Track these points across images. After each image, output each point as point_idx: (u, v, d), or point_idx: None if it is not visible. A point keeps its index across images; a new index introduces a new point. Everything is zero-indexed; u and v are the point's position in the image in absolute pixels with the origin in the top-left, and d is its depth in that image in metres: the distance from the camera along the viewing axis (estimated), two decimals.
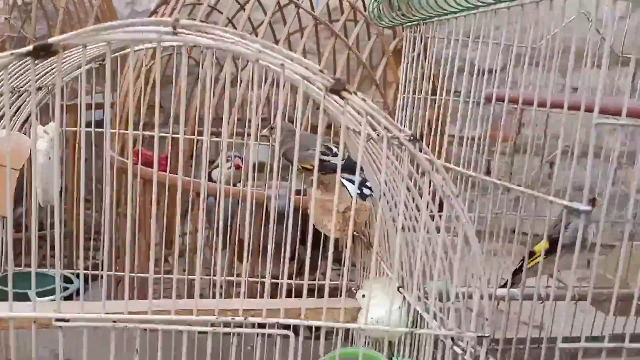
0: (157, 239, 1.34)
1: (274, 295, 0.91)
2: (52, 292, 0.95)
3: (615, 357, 0.88)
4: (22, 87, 0.89)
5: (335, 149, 1.01)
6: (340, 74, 1.43)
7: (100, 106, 1.73)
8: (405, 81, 1.07)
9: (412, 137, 0.58)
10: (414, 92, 1.11)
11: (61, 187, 1.11)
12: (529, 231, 0.89)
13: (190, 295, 1.15)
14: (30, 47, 0.52)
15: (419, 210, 0.66)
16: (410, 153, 0.59)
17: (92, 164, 1.23)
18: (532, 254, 1.01)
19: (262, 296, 1.15)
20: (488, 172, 1.64)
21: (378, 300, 0.92)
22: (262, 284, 1.21)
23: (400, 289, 0.88)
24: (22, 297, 0.72)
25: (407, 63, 1.08)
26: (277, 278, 1.23)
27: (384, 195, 0.77)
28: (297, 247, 1.31)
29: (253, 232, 1.27)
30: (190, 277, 1.20)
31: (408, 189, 0.65)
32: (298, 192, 1.36)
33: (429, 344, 0.74)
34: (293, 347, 0.60)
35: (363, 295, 0.97)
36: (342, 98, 0.57)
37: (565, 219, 0.97)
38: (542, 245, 0.89)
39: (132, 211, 1.31)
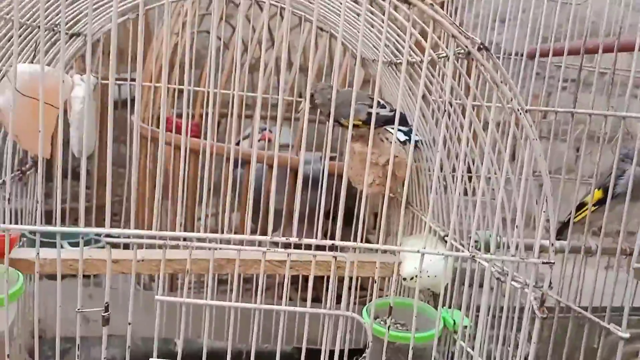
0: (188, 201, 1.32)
1: None
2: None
3: None
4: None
5: (382, 102, 0.98)
6: None
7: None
8: None
9: (482, 46, 0.55)
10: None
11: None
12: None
13: None
14: None
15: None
16: (477, 63, 0.56)
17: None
18: (581, 205, 0.97)
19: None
20: None
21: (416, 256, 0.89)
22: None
23: (446, 237, 0.85)
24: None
25: None
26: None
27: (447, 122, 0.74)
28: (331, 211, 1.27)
29: (286, 198, 1.26)
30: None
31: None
32: (332, 158, 1.34)
33: (485, 282, 0.71)
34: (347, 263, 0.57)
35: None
36: (409, 4, 0.55)
37: (619, 168, 0.94)
38: (592, 196, 0.86)
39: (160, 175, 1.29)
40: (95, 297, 1.12)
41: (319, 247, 0.63)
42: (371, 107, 0.94)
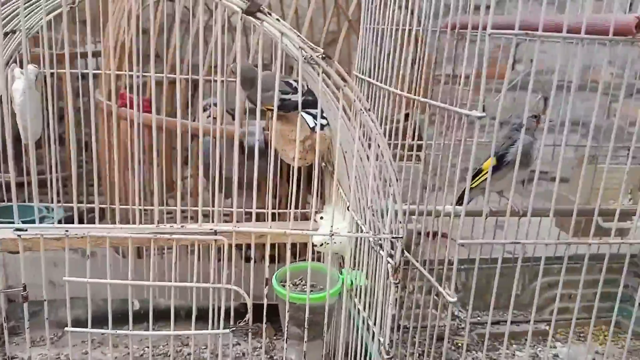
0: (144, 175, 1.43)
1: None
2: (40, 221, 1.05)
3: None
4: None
5: (295, 84, 1.06)
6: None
7: (84, 55, 1.80)
8: (367, 12, 1.08)
9: (324, 55, 0.63)
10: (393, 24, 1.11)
11: (43, 127, 1.18)
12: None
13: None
14: None
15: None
16: (324, 70, 0.64)
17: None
18: (479, 171, 1.06)
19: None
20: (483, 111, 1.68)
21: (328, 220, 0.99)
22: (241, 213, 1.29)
23: (348, 208, 0.95)
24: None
25: None
26: (261, 209, 1.33)
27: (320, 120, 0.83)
28: (274, 181, 1.37)
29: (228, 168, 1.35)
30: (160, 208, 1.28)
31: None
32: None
33: (364, 251, 0.81)
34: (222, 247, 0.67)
35: (322, 217, 1.04)
36: (258, 19, 0.62)
37: (510, 138, 1.02)
38: (490, 162, 0.94)
39: (119, 151, 1.39)
40: (59, 264, 1.25)
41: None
42: (285, 93, 1.02)
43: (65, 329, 0.78)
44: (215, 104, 1.37)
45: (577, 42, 0.66)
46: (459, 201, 1.08)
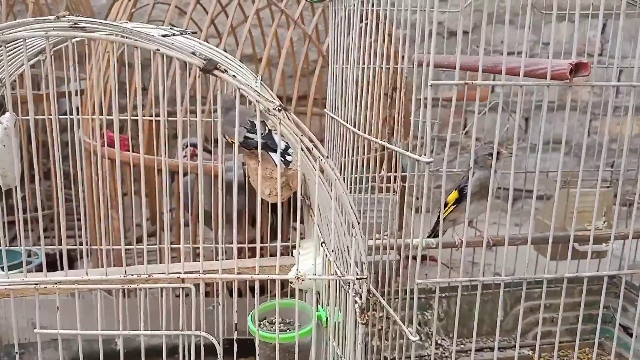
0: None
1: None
2: (20, 265, 1.06)
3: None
4: None
5: (257, 126, 1.08)
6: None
7: (62, 95, 1.82)
8: (334, 52, 1.12)
9: (280, 107, 0.65)
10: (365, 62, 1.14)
11: (22, 172, 1.19)
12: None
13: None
14: None
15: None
16: (281, 122, 0.66)
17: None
18: (446, 204, 1.08)
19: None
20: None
21: (308, 256, 1.01)
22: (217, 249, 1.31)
23: (323, 244, 0.96)
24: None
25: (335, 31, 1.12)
26: (240, 243, 1.34)
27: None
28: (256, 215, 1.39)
29: (212, 203, 1.37)
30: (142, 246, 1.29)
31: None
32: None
33: (335, 290, 0.82)
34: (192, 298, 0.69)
35: (299, 253, 1.05)
36: (216, 77, 0.65)
37: (470, 170, 1.04)
38: (453, 196, 0.97)
39: (104, 189, 1.41)
40: (43, 308, 1.26)
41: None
42: (249, 131, 1.05)
43: None
44: (192, 144, 1.39)
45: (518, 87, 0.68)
46: (434, 232, 1.10)
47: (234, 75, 0.65)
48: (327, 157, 0.66)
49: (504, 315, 1.36)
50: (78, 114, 1.57)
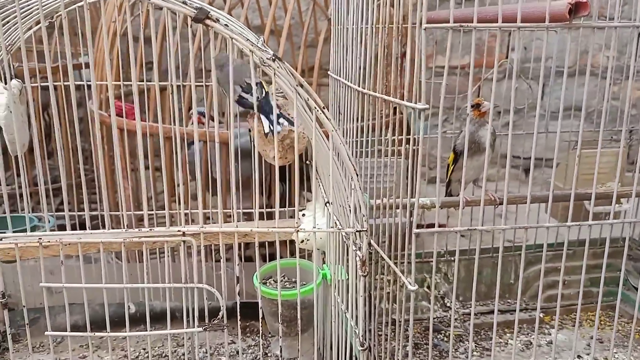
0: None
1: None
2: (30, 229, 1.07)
3: None
4: None
5: (252, 85, 1.06)
6: None
7: (77, 67, 1.83)
8: (336, 12, 1.10)
9: (274, 57, 0.65)
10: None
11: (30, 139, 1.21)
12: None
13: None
14: None
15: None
16: (275, 71, 0.65)
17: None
18: (448, 166, 1.07)
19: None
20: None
21: (313, 216, 1.01)
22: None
23: (327, 204, 0.96)
24: None
25: None
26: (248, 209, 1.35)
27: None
28: (265, 181, 1.40)
29: (222, 170, 1.38)
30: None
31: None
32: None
33: (337, 245, 0.83)
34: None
35: (304, 215, 1.06)
36: (207, 26, 0.64)
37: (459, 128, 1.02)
38: (451, 156, 0.96)
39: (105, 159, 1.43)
40: (56, 272, 1.29)
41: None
42: (244, 91, 1.04)
43: (46, 333, 0.81)
44: (200, 112, 1.39)
45: (514, 30, 0.66)
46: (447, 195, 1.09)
47: (225, 25, 0.64)
48: (324, 108, 0.66)
49: (514, 279, 1.36)
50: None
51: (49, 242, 0.70)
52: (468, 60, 2.33)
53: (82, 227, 1.34)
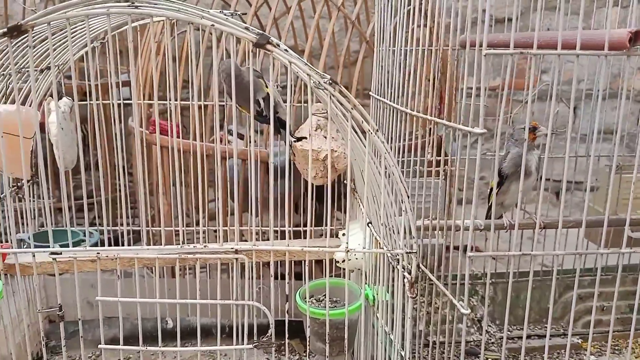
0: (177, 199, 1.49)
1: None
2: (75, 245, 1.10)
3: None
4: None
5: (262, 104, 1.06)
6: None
7: (125, 84, 1.88)
8: (380, 33, 1.12)
9: (331, 81, 0.66)
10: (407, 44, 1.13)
11: (78, 155, 1.24)
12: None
13: None
14: (5, 29, 0.64)
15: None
16: (331, 94, 0.67)
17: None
18: (491, 189, 1.07)
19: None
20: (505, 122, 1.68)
21: (355, 236, 1.02)
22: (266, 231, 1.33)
23: (369, 224, 0.97)
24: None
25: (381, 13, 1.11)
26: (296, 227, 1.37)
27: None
28: (301, 199, 1.41)
29: (258, 188, 1.39)
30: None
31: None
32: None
33: (383, 266, 0.83)
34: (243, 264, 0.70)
35: (343, 234, 1.06)
36: (268, 51, 0.66)
37: (505, 149, 1.02)
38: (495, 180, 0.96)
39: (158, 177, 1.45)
40: (96, 285, 1.31)
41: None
42: (259, 105, 1.04)
43: (99, 346, 0.83)
44: (230, 131, 1.42)
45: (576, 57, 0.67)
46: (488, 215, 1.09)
47: (286, 50, 0.66)
48: (377, 130, 0.67)
49: (553, 303, 1.34)
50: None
51: (107, 256, 0.72)
52: (498, 81, 2.33)
53: (116, 242, 1.38)
